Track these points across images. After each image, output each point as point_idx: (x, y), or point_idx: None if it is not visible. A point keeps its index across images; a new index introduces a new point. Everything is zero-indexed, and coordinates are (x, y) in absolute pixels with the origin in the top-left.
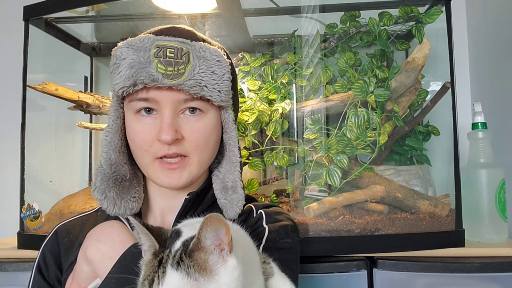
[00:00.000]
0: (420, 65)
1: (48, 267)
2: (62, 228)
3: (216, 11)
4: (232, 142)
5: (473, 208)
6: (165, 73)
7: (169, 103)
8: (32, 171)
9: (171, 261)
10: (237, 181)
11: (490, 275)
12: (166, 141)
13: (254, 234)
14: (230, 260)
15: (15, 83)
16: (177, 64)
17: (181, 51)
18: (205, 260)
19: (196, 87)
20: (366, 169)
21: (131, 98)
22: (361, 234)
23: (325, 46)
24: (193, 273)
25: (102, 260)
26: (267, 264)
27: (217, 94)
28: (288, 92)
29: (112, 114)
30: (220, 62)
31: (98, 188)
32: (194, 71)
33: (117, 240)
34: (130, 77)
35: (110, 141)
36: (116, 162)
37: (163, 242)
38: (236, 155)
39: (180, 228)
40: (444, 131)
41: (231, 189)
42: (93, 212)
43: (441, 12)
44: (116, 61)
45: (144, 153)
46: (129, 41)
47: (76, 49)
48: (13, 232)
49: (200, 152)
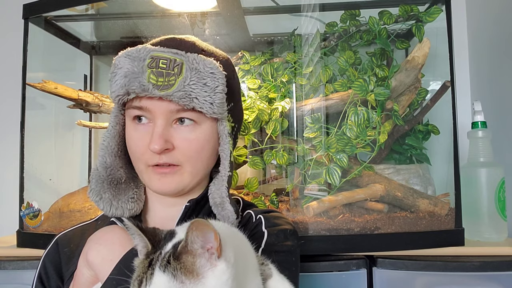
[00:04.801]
0: (420, 64)
1: (49, 277)
2: (63, 237)
3: (216, 9)
4: (224, 154)
5: (473, 207)
6: (155, 83)
7: (161, 113)
8: (31, 170)
9: (160, 263)
10: (223, 197)
11: (489, 274)
12: (155, 150)
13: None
14: (219, 264)
15: (15, 81)
16: (168, 75)
17: (173, 62)
18: (193, 263)
19: (185, 99)
20: (366, 168)
21: (128, 105)
22: (360, 233)
23: (325, 44)
24: (179, 275)
25: (102, 263)
26: (265, 265)
27: (208, 106)
28: (288, 91)
29: (112, 120)
30: (214, 74)
31: (93, 190)
32: (185, 83)
33: (117, 243)
34: (124, 86)
35: (107, 146)
36: (111, 165)
37: (156, 243)
38: (225, 169)
39: (175, 230)
40: (444, 130)
41: (219, 206)
42: (93, 222)
43: (441, 11)
44: (114, 69)
45: (138, 160)
46: (127, 51)
47: (75, 48)
48: (13, 230)
49: (193, 162)
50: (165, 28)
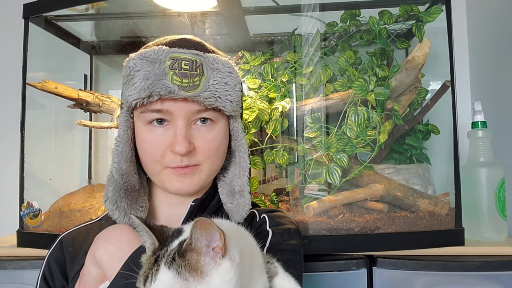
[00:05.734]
0: (420, 63)
1: (53, 276)
2: (67, 237)
3: (216, 9)
4: (243, 149)
5: (473, 207)
6: (180, 85)
7: (182, 114)
8: (31, 169)
9: (165, 260)
10: (245, 185)
11: (489, 273)
12: (180, 152)
13: (258, 237)
14: (224, 263)
15: (15, 81)
16: (192, 76)
17: (195, 63)
18: (197, 261)
19: (211, 98)
20: (366, 168)
21: (143, 109)
22: (360, 233)
23: (325, 44)
24: (183, 272)
25: (110, 261)
26: (271, 264)
27: (229, 105)
28: (288, 91)
29: (122, 125)
30: (232, 73)
31: (110, 198)
32: (209, 83)
33: (125, 241)
34: (146, 88)
35: (121, 151)
36: (127, 172)
37: (163, 240)
38: (246, 162)
39: (183, 227)
40: (444, 130)
41: (238, 193)
42: (97, 221)
43: (441, 11)
44: (130, 72)
45: (155, 163)
46: (142, 53)
47: (76, 47)
48: (13, 230)
49: (212, 161)
50: (165, 28)
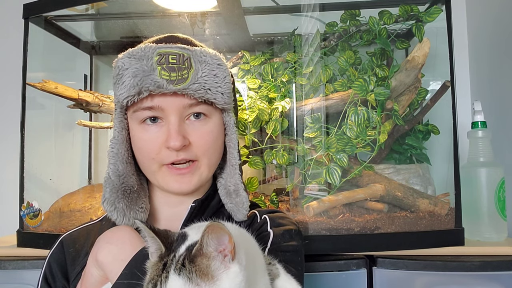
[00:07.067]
0: (420, 63)
1: (54, 277)
2: (68, 238)
3: (216, 9)
4: (232, 144)
5: (473, 207)
6: (169, 79)
7: (174, 110)
8: (31, 169)
9: (174, 266)
10: (238, 184)
11: (489, 273)
12: (175, 147)
13: (259, 238)
14: (233, 267)
15: (15, 81)
16: (180, 69)
17: (182, 57)
18: (207, 265)
19: (201, 91)
20: (366, 168)
21: (135, 108)
22: (360, 233)
23: (325, 44)
24: (194, 278)
25: (113, 263)
26: (273, 265)
27: (220, 97)
28: (288, 91)
29: (117, 126)
30: (221, 65)
31: (107, 199)
32: (198, 75)
33: (128, 242)
34: (135, 85)
35: (117, 152)
36: (124, 173)
37: (169, 245)
38: (235, 158)
39: (186, 231)
40: (443, 130)
41: (234, 193)
42: (98, 222)
43: (441, 11)
44: (119, 71)
45: (151, 161)
46: (130, 52)
47: (75, 47)
48: (13, 230)
49: (209, 155)
50: (165, 28)
